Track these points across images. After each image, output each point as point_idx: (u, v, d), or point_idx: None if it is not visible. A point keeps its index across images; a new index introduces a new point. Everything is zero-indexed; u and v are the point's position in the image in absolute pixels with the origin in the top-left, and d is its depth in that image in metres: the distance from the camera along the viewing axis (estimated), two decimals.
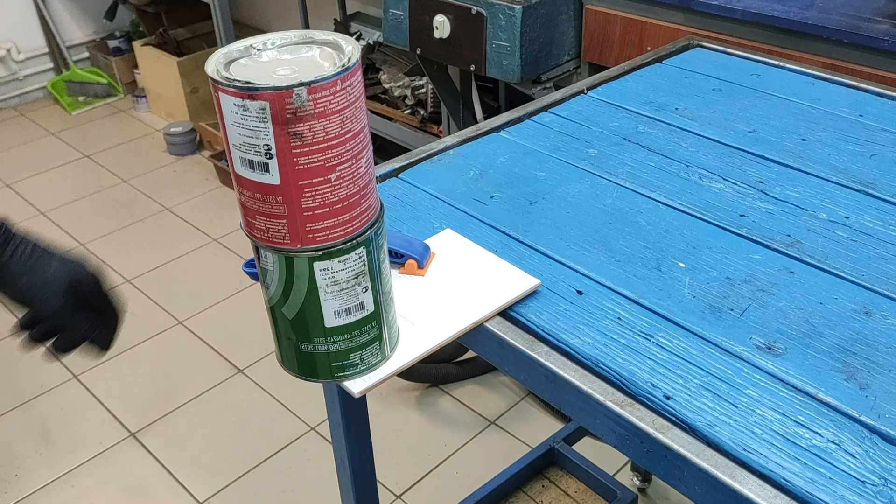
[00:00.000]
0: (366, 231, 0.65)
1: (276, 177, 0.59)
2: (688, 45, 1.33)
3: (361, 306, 0.68)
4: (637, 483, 1.83)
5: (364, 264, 0.66)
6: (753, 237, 0.86)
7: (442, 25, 1.72)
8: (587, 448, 1.68)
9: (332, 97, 0.58)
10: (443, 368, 2.11)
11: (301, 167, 0.59)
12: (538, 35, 1.65)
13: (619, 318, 0.75)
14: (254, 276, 0.83)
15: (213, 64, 0.60)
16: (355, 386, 0.69)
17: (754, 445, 0.62)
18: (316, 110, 0.57)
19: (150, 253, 2.73)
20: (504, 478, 1.54)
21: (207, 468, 1.93)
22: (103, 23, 3.82)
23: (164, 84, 3.44)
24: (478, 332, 0.76)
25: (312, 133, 0.58)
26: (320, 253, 0.64)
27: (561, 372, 0.70)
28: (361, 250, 0.65)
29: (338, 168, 0.60)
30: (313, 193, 0.60)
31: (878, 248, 0.84)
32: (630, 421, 0.65)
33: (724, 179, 0.96)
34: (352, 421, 1.06)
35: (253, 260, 0.82)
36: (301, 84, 0.56)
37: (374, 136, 2.80)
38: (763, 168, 0.98)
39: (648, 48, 1.56)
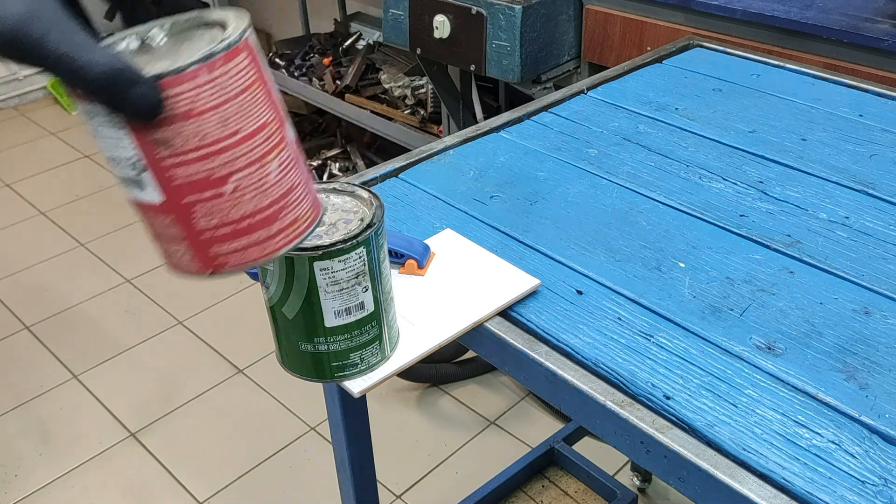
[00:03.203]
0: (366, 231, 0.64)
1: (155, 194, 0.48)
2: (688, 45, 1.33)
3: (361, 306, 0.67)
4: (637, 483, 1.83)
5: (364, 264, 0.65)
6: (753, 237, 0.86)
7: (442, 25, 1.72)
8: (587, 448, 1.68)
9: (198, 91, 0.45)
10: (443, 368, 2.11)
11: (180, 181, 0.47)
12: (538, 35, 1.65)
13: (619, 318, 0.75)
14: (254, 276, 0.83)
15: None
16: (355, 386, 0.69)
17: (754, 445, 0.62)
18: (179, 110, 0.45)
19: (150, 253, 2.72)
20: (504, 478, 1.54)
21: (207, 468, 1.93)
22: (103, 23, 3.82)
23: None
24: (478, 332, 0.76)
25: (183, 138, 0.46)
26: (320, 253, 0.62)
27: (561, 372, 0.70)
28: (362, 250, 0.64)
29: (233, 177, 0.48)
30: (206, 211, 0.48)
31: (878, 248, 0.84)
32: (630, 421, 0.65)
33: (724, 179, 0.96)
34: (352, 421, 1.06)
35: None
36: (152, 77, 0.44)
37: (374, 136, 2.80)
38: (763, 168, 0.98)
39: (648, 48, 1.56)
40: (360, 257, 0.64)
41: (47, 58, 0.41)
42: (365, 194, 0.67)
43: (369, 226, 0.64)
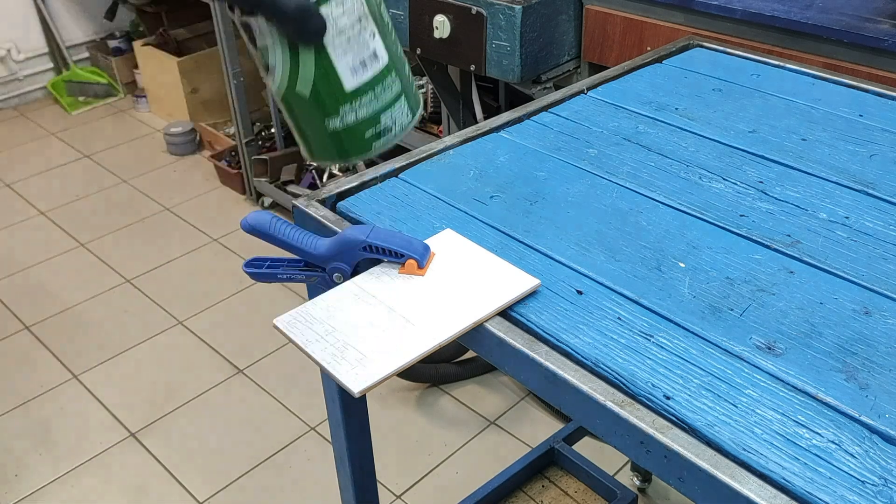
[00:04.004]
0: None
1: None
2: (688, 45, 1.33)
3: (375, 56, 0.63)
4: (637, 483, 1.83)
5: (363, 4, 0.61)
6: (753, 237, 0.86)
7: (442, 25, 1.72)
8: (587, 448, 1.68)
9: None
10: (443, 368, 2.11)
11: None
12: (538, 35, 1.65)
13: (619, 318, 0.75)
14: (254, 277, 0.83)
15: None
16: (355, 386, 0.69)
17: (754, 445, 0.62)
18: None
19: (150, 253, 2.73)
20: (504, 478, 1.54)
21: (207, 468, 1.93)
22: (103, 23, 3.82)
23: (164, 84, 3.44)
24: (478, 332, 0.76)
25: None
26: (314, 1, 0.59)
27: (561, 372, 0.70)
28: None
29: None
30: None
31: (878, 248, 0.84)
32: (630, 421, 0.65)
33: (724, 179, 0.96)
34: (352, 421, 1.06)
35: (253, 260, 0.82)
36: None
37: None
38: (763, 168, 0.98)
39: (648, 48, 1.56)
40: None
41: (259, 4, 0.58)
42: None
43: None
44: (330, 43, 0.60)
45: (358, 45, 0.61)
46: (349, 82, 0.63)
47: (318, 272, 0.82)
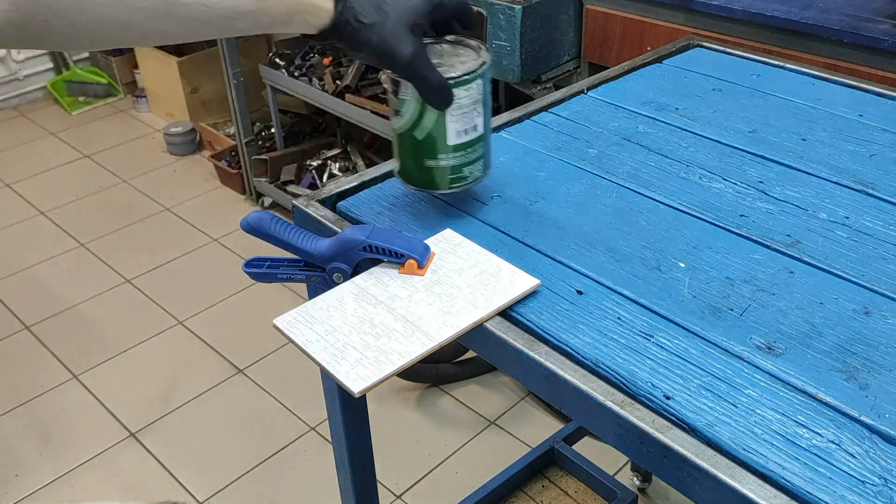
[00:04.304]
0: (481, 66, 0.82)
1: None
2: (688, 45, 1.33)
3: (475, 128, 0.85)
4: (637, 483, 1.83)
5: (480, 93, 0.83)
6: (753, 237, 0.86)
7: None
8: (587, 448, 1.68)
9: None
10: (443, 368, 2.11)
11: None
12: (538, 35, 1.65)
13: (619, 318, 0.75)
14: (254, 277, 0.83)
15: None
16: (355, 386, 0.69)
17: (754, 445, 0.62)
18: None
19: (150, 253, 2.73)
20: (504, 478, 1.54)
21: (207, 468, 1.93)
22: None
23: (164, 84, 3.44)
24: (478, 332, 0.76)
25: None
26: (452, 82, 0.80)
27: (561, 372, 0.70)
28: (480, 81, 0.83)
29: None
30: None
31: (878, 248, 0.84)
32: (630, 421, 0.65)
33: (724, 179, 0.96)
34: (352, 421, 1.06)
35: (253, 260, 0.82)
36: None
37: (374, 136, 2.80)
38: (763, 168, 0.98)
39: (648, 48, 1.56)
40: (478, 87, 0.83)
41: (416, 76, 0.79)
42: (473, 43, 0.86)
43: (483, 63, 0.83)
44: (450, 111, 0.82)
45: (467, 118, 0.84)
46: (451, 140, 0.85)
47: (318, 272, 0.82)
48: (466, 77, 0.81)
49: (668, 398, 0.66)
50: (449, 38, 0.86)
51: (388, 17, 0.77)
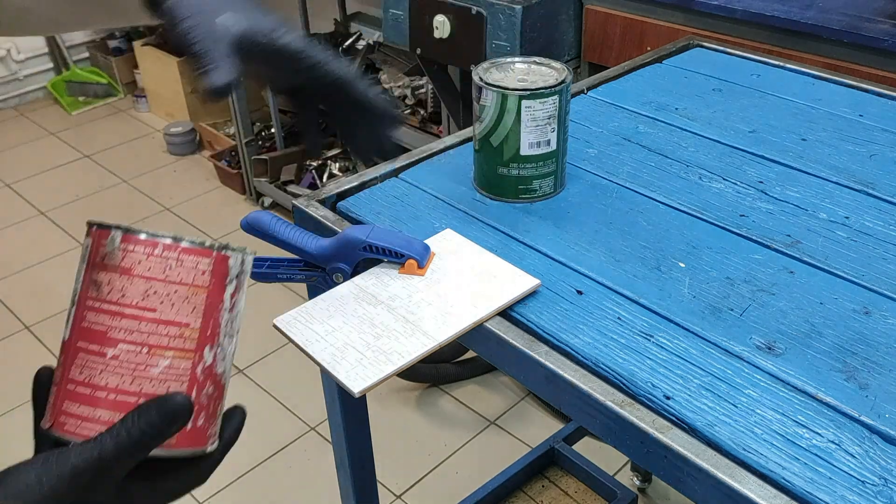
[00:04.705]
0: (560, 84, 0.86)
1: (67, 330, 0.51)
2: (688, 45, 1.33)
3: (548, 143, 0.89)
4: (637, 483, 1.83)
5: (556, 109, 0.87)
6: (753, 237, 0.86)
7: (442, 25, 1.72)
8: (587, 448, 1.68)
9: (146, 257, 0.48)
10: (443, 368, 2.11)
11: (85, 324, 0.50)
12: (538, 35, 1.65)
13: (619, 318, 0.75)
14: (254, 277, 0.83)
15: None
16: (355, 386, 0.69)
17: (754, 445, 0.62)
18: (123, 263, 0.48)
19: None
20: (504, 478, 1.54)
21: None
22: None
23: (164, 84, 3.44)
24: (478, 332, 0.76)
25: (109, 288, 0.49)
26: (528, 93, 0.85)
27: (561, 372, 0.70)
28: (556, 97, 0.87)
29: (120, 345, 0.48)
30: (83, 363, 0.49)
31: (878, 248, 0.84)
32: (630, 421, 0.65)
33: (724, 179, 0.96)
34: (352, 421, 1.06)
35: (253, 260, 0.82)
36: (118, 227, 0.48)
37: None
38: (763, 168, 0.98)
39: (648, 48, 1.56)
40: (554, 103, 0.87)
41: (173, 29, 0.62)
42: (557, 65, 0.90)
43: (562, 82, 0.87)
44: (524, 122, 0.87)
45: (540, 131, 0.88)
46: (524, 150, 0.89)
47: (318, 272, 0.82)
48: (543, 91, 0.86)
49: (668, 398, 0.66)
50: (536, 59, 0.91)
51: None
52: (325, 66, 0.66)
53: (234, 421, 0.54)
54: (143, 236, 0.48)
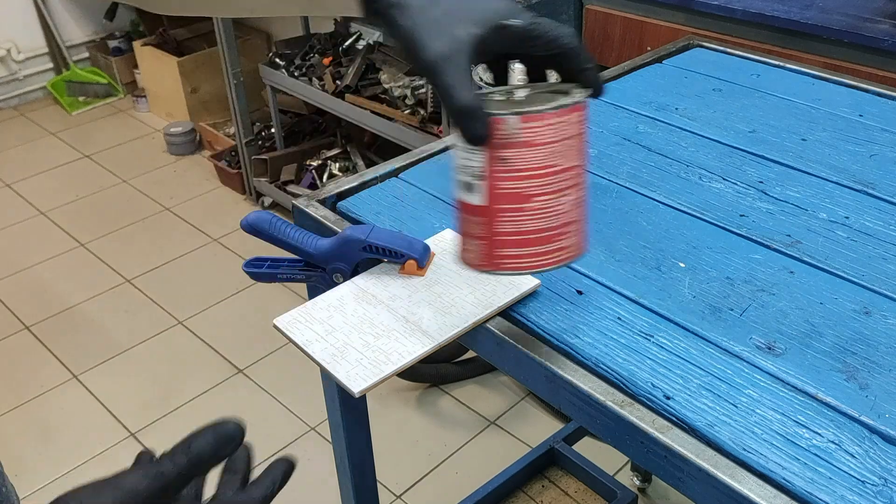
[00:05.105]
0: (574, 103, 0.81)
1: (480, 197, 0.63)
2: (688, 45, 1.33)
3: None
4: (637, 483, 1.83)
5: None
6: (753, 237, 0.86)
7: None
8: (587, 448, 1.68)
9: (542, 128, 0.60)
10: (443, 368, 2.11)
11: (501, 191, 0.62)
12: None
13: (619, 318, 0.75)
14: (254, 277, 0.83)
15: None
16: (355, 386, 0.69)
17: (754, 445, 0.62)
18: (525, 138, 0.60)
19: (150, 253, 2.73)
20: (504, 478, 1.54)
21: None
22: (103, 23, 3.82)
23: (164, 84, 3.44)
24: (478, 332, 0.76)
25: (517, 159, 0.60)
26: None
27: (561, 372, 0.70)
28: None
29: (535, 198, 0.62)
30: (509, 218, 0.62)
31: (878, 248, 0.84)
32: (630, 421, 0.65)
33: (724, 179, 0.96)
34: (352, 421, 1.06)
35: (253, 260, 0.82)
36: (516, 113, 0.59)
37: (375, 136, 2.80)
38: (763, 168, 0.98)
39: (648, 48, 1.56)
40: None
41: (437, 85, 0.60)
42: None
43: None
44: None
45: None
46: None
47: (318, 272, 0.82)
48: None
49: (668, 398, 0.66)
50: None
51: (437, 6, 0.63)
52: (560, 40, 0.65)
53: (276, 472, 0.54)
54: (535, 113, 0.59)
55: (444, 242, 0.85)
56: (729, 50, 1.30)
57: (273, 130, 2.91)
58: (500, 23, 0.62)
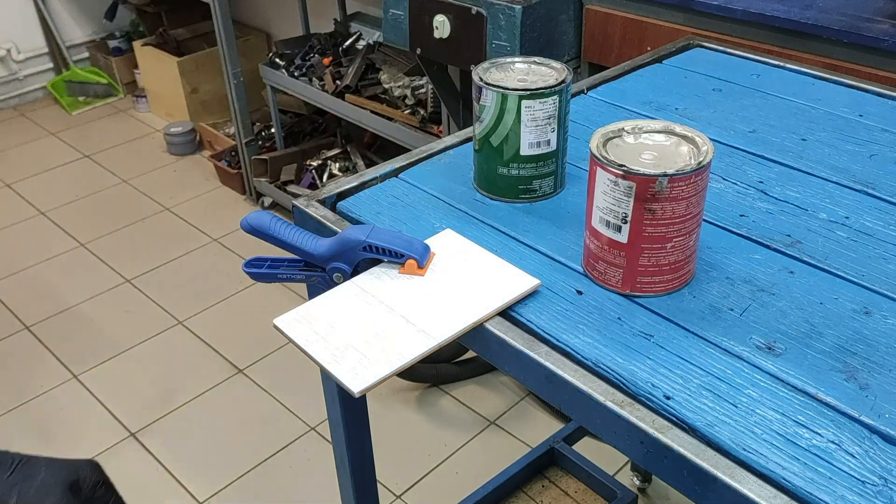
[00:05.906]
0: (560, 84, 0.87)
1: (625, 237, 0.74)
2: (688, 45, 1.33)
3: (548, 143, 0.89)
4: (637, 483, 1.83)
5: (556, 109, 0.87)
6: (753, 237, 0.86)
7: (442, 25, 1.72)
8: (587, 448, 1.68)
9: (685, 187, 0.72)
10: (443, 368, 2.11)
11: (647, 234, 0.74)
12: (538, 35, 1.65)
13: (619, 318, 0.75)
14: (254, 277, 0.83)
15: (595, 142, 0.75)
16: (355, 386, 0.69)
17: (754, 445, 0.62)
18: (671, 195, 0.71)
19: (150, 253, 2.73)
20: (504, 478, 1.54)
21: (207, 468, 1.93)
22: (103, 23, 3.82)
23: (164, 84, 3.44)
24: (478, 332, 0.76)
25: (663, 211, 0.72)
26: (528, 93, 0.85)
27: (561, 372, 0.70)
28: (556, 97, 0.87)
29: (674, 239, 0.74)
30: (650, 254, 0.75)
31: (878, 248, 0.84)
32: (630, 421, 0.65)
33: (724, 179, 0.96)
34: (352, 421, 1.06)
35: (253, 260, 0.82)
36: (665, 175, 0.71)
37: (375, 136, 2.81)
38: (763, 168, 0.98)
39: (648, 48, 1.56)
40: (554, 103, 0.87)
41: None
42: (557, 65, 0.90)
43: (563, 82, 0.87)
44: (524, 122, 0.87)
45: (540, 131, 0.88)
46: (524, 150, 0.89)
47: (318, 272, 0.82)
48: (543, 91, 0.86)
49: (668, 398, 0.66)
50: (536, 59, 0.92)
51: None
52: None
53: None
54: (680, 175, 0.71)
55: (443, 242, 0.85)
56: (729, 50, 1.30)
57: (273, 130, 2.91)
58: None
